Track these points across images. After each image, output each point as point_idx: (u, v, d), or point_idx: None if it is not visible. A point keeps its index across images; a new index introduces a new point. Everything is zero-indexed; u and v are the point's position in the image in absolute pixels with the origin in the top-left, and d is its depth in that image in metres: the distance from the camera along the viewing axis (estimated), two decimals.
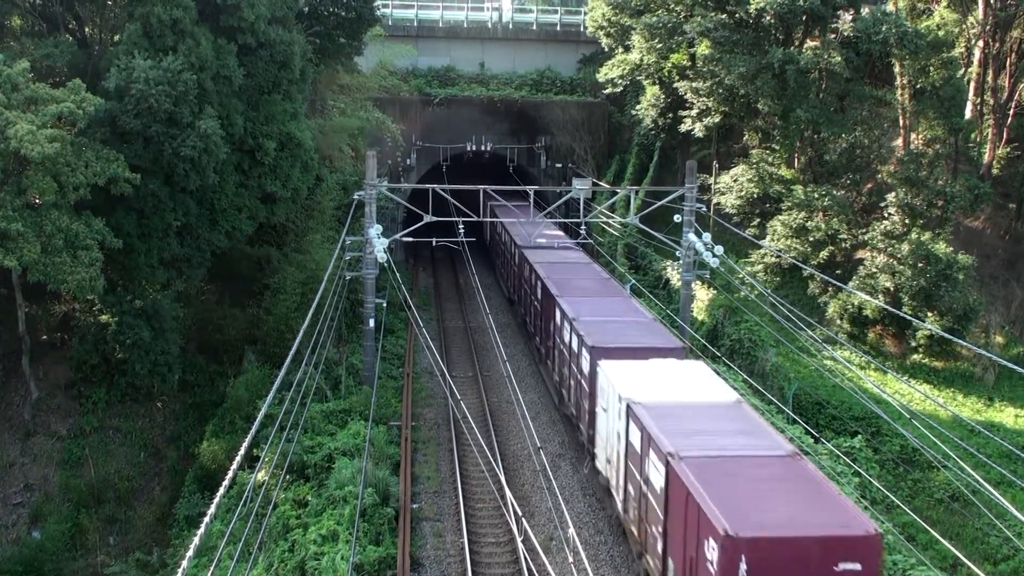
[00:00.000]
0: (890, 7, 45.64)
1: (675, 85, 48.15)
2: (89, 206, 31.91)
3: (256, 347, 38.36)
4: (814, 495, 17.62)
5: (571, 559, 22.54)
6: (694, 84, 46.17)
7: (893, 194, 41.63)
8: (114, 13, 37.23)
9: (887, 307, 36.43)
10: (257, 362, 37.04)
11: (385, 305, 37.48)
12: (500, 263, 53.01)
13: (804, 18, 42.97)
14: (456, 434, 31.21)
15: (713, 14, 43.74)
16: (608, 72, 53.10)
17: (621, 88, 53.26)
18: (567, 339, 30.35)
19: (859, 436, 32.07)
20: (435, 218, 34.97)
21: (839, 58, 40.70)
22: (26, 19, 37.66)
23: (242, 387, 34.63)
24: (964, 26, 45.92)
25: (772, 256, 43.48)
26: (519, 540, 23.24)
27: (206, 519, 13.51)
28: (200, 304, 40.94)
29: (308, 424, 29.85)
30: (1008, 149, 45.92)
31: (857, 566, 15.91)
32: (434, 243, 40.91)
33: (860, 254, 42.27)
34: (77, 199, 30.89)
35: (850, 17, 44.16)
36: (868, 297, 38.32)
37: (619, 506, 23.30)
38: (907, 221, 40.82)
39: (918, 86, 43.60)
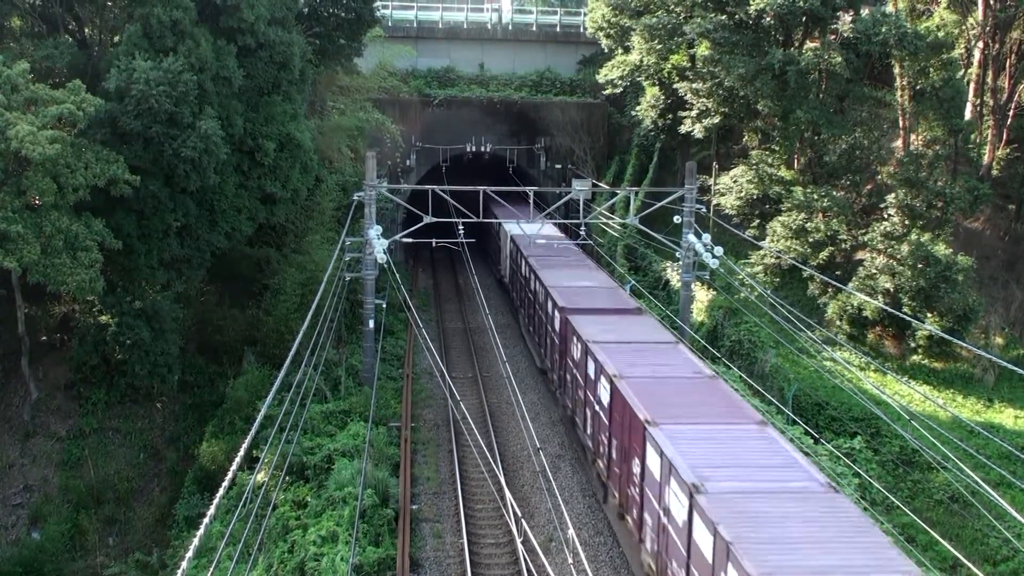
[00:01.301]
0: (890, 8, 45.63)
1: (675, 86, 48.15)
2: (89, 207, 31.92)
3: (256, 348, 38.36)
4: None
5: (571, 560, 22.53)
6: (694, 85, 46.18)
7: (893, 195, 41.62)
8: (114, 14, 37.24)
9: (887, 308, 36.43)
10: (257, 363, 37.05)
11: (385, 306, 37.48)
12: (527, 312, 40.72)
13: (804, 19, 42.97)
14: (456, 435, 31.22)
15: (713, 15, 43.73)
16: (608, 73, 53.11)
17: (621, 89, 53.26)
18: (679, 518, 17.78)
19: (859, 437, 32.07)
20: (435, 219, 34.98)
21: (839, 59, 40.70)
22: (26, 20, 37.66)
23: (242, 388, 34.64)
24: (964, 27, 45.92)
25: (772, 257, 43.48)
26: (519, 541, 23.23)
27: (206, 520, 13.51)
28: (200, 305, 40.95)
29: (308, 425, 29.86)
30: (1008, 150, 45.91)
31: None
32: (434, 244, 40.84)
33: (860, 255, 42.26)
34: (77, 200, 30.90)
35: (850, 18, 44.14)
36: (868, 298, 38.31)
37: None
38: (907, 222, 40.82)
39: (918, 87, 43.59)
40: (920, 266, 38.43)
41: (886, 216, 41.69)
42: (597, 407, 25.49)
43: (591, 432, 26.45)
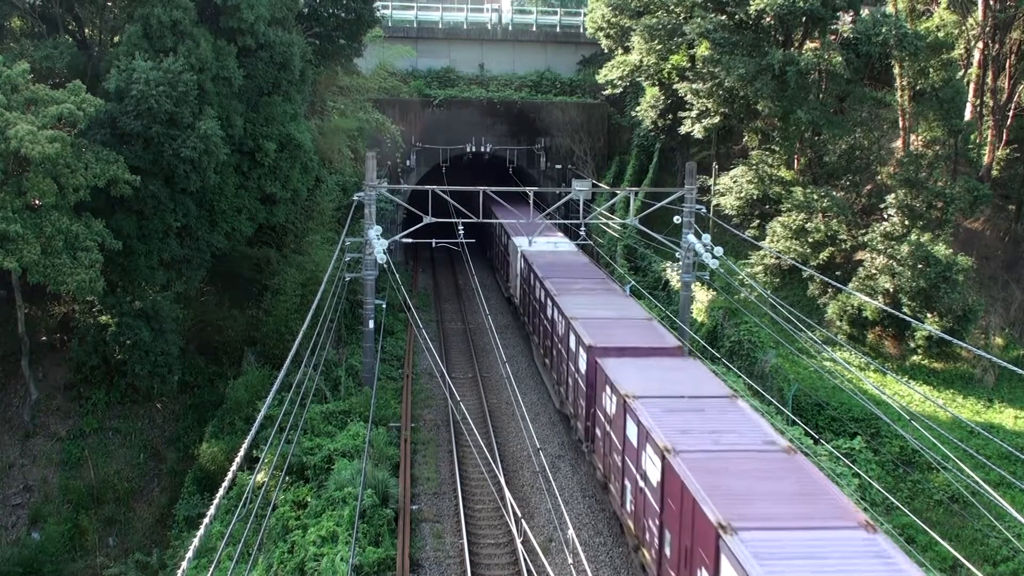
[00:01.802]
0: (890, 9, 45.65)
1: (675, 86, 48.15)
2: (89, 208, 31.94)
3: (256, 348, 38.37)
4: None
5: (571, 560, 22.53)
6: (694, 86, 46.17)
7: (893, 195, 41.63)
8: (114, 14, 37.26)
9: (886, 308, 36.43)
10: (257, 363, 37.06)
11: (385, 306, 37.48)
12: (542, 343, 35.91)
13: (804, 19, 42.97)
14: (456, 435, 31.22)
15: (713, 15, 43.74)
16: (608, 73, 53.12)
17: (621, 89, 53.27)
18: None
19: (859, 437, 32.07)
20: (435, 219, 34.99)
21: (839, 59, 40.70)
22: (26, 20, 37.69)
23: (242, 388, 34.65)
24: (964, 28, 45.93)
25: (772, 257, 43.48)
26: (519, 541, 23.24)
27: (206, 520, 13.50)
28: (200, 305, 40.96)
29: (308, 425, 29.87)
30: (1008, 151, 45.93)
31: None
32: (434, 244, 40.79)
33: (860, 255, 42.26)
34: (77, 201, 30.91)
35: (850, 19, 44.16)
36: (867, 298, 38.32)
37: None
38: (907, 222, 40.82)
39: (918, 88, 43.60)
40: (920, 266, 38.43)
41: (886, 216, 41.70)
42: (642, 482, 20.84)
43: (633, 511, 21.92)
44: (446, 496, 27.60)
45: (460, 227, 36.19)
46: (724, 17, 43.72)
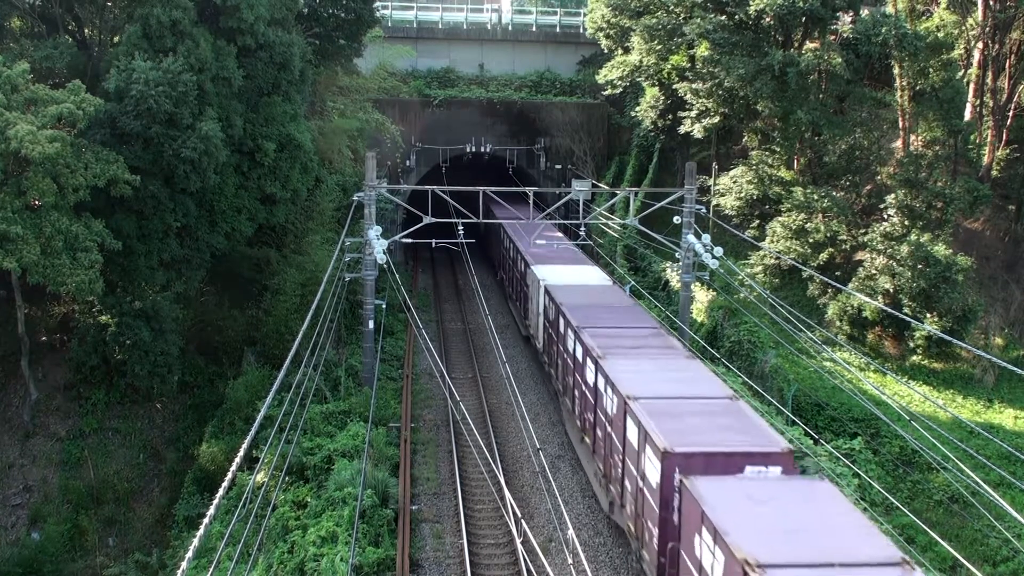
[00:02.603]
0: (889, 9, 45.66)
1: (674, 87, 48.16)
2: (89, 208, 31.93)
3: (255, 348, 38.37)
4: None
5: (570, 560, 22.54)
6: (693, 86, 46.18)
7: (893, 196, 41.64)
8: (113, 14, 37.27)
9: (886, 308, 36.42)
10: (256, 363, 37.06)
11: (384, 306, 37.48)
12: (580, 412, 28.09)
13: (803, 20, 42.97)
14: (455, 435, 31.22)
15: (712, 16, 43.74)
16: (608, 74, 53.15)
17: (620, 90, 53.30)
18: None
19: (859, 438, 32.08)
20: (434, 219, 34.98)
21: (839, 59, 40.71)
22: (26, 20, 37.69)
23: (241, 388, 34.65)
24: (963, 28, 45.93)
25: (771, 258, 43.48)
26: (518, 541, 23.24)
27: (205, 520, 13.50)
28: (200, 305, 40.95)
29: (307, 426, 29.87)
30: (1007, 151, 45.93)
31: None
32: (434, 244, 40.76)
33: (859, 256, 42.27)
34: (77, 201, 30.91)
35: (849, 19, 44.17)
36: (867, 299, 38.32)
37: None
38: (907, 223, 40.83)
39: (918, 88, 43.61)
40: (920, 267, 38.43)
41: (886, 217, 41.70)
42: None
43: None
44: (446, 496, 27.60)
45: (460, 227, 36.16)
46: (724, 17, 43.72)
